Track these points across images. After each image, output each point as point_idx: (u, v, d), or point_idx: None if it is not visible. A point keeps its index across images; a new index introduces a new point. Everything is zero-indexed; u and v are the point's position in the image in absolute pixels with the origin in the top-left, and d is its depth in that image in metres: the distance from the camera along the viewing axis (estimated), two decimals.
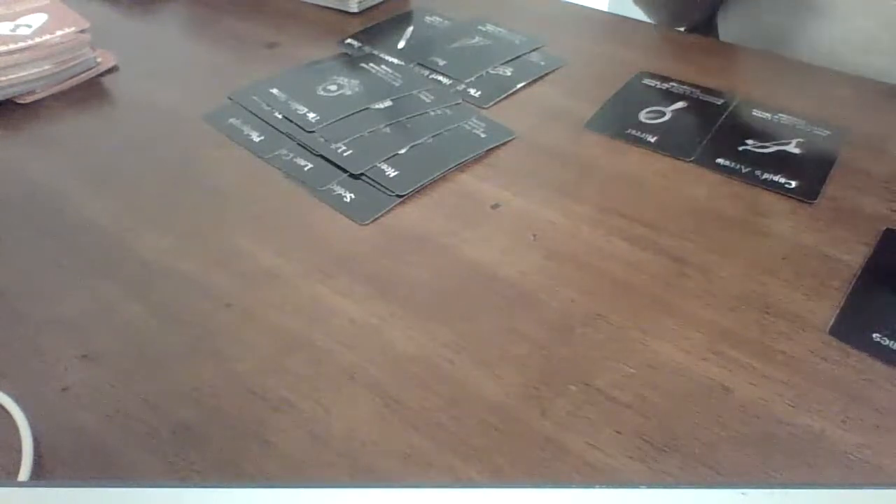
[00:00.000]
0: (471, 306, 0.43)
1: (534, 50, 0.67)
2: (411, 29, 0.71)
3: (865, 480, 0.34)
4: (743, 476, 0.34)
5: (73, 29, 0.62)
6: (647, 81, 0.62)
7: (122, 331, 0.42)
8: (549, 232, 0.48)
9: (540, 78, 0.63)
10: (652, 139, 0.55)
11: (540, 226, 0.48)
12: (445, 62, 0.65)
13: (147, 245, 0.47)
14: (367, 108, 0.59)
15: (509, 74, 0.63)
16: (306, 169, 0.53)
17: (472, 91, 0.61)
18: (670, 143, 0.55)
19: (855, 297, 0.42)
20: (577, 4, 0.75)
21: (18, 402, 0.37)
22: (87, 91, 0.63)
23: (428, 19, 0.73)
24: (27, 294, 0.44)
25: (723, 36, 0.78)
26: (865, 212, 0.48)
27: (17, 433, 0.36)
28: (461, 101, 0.60)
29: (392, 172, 0.52)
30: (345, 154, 0.54)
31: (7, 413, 0.37)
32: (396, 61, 0.66)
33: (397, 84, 0.62)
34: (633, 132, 0.56)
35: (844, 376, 0.38)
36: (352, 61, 0.66)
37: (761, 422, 0.36)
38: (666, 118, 0.58)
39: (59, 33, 0.61)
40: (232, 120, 0.58)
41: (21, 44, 0.59)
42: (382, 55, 0.67)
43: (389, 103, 0.59)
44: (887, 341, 0.40)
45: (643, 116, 0.58)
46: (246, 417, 0.37)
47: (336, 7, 0.74)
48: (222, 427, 0.36)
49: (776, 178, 0.51)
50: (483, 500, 0.27)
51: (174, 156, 0.55)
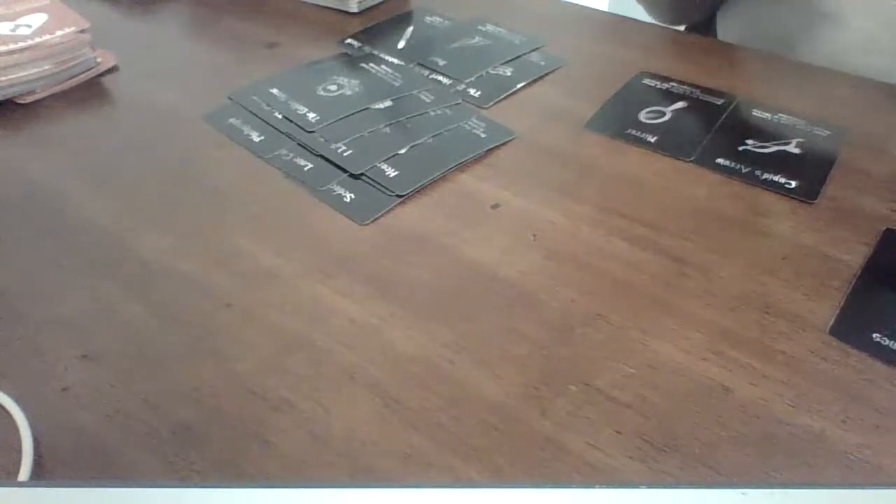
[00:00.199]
0: (471, 306, 0.43)
1: (534, 50, 0.67)
2: (411, 29, 0.71)
3: (865, 480, 0.34)
4: (743, 476, 0.34)
5: (73, 29, 0.62)
6: (647, 81, 0.62)
7: (122, 331, 0.42)
8: (549, 232, 0.48)
9: (540, 78, 0.63)
10: (652, 139, 0.55)
11: (540, 226, 0.48)
12: (445, 62, 0.65)
13: (147, 245, 0.47)
14: (367, 108, 0.59)
15: (509, 74, 0.63)
16: (306, 169, 0.53)
17: (472, 91, 0.61)
18: (670, 143, 0.55)
19: (855, 297, 0.42)
20: (577, 4, 0.75)
21: (18, 402, 0.37)
22: (87, 91, 0.63)
23: (428, 19, 0.73)
24: (27, 294, 0.44)
25: (722, 36, 0.78)
26: (865, 212, 0.48)
27: (17, 433, 0.36)
28: (461, 101, 0.60)
29: (392, 172, 0.52)
30: (345, 154, 0.54)
31: (7, 413, 0.37)
32: (396, 61, 0.66)
33: (397, 84, 0.62)
34: (633, 132, 0.56)
35: (844, 376, 0.38)
36: (352, 61, 0.66)
37: (761, 422, 0.36)
38: (666, 118, 0.58)
39: (59, 33, 0.61)
40: (232, 120, 0.58)
41: (21, 44, 0.59)
42: (382, 55, 0.67)
43: (389, 103, 0.59)
44: (887, 341, 0.40)
45: (643, 116, 0.58)
46: (246, 417, 0.37)
47: (336, 7, 0.74)
48: (222, 427, 0.36)
49: (776, 178, 0.51)
50: (483, 500, 0.27)
51: (174, 156, 0.55)
